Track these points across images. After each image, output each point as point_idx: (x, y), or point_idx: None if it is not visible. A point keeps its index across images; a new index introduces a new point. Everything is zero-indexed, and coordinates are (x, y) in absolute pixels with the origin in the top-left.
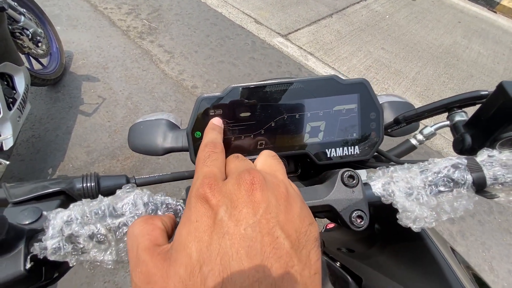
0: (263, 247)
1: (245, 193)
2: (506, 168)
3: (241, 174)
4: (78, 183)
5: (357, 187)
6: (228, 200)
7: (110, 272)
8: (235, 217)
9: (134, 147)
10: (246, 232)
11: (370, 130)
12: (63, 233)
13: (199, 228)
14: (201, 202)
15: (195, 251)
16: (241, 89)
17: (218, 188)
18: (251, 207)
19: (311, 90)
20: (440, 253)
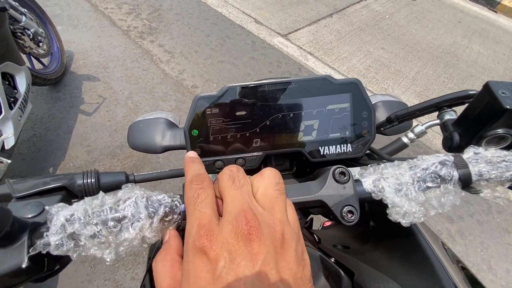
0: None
1: (242, 244)
2: (491, 165)
3: (237, 218)
4: (78, 179)
5: (348, 183)
6: (226, 253)
7: (111, 270)
8: (234, 271)
9: (134, 145)
10: (246, 285)
11: (363, 128)
12: (66, 230)
13: (198, 283)
14: (199, 255)
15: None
16: (237, 88)
17: (215, 238)
18: (249, 259)
19: (305, 89)
20: (431, 248)
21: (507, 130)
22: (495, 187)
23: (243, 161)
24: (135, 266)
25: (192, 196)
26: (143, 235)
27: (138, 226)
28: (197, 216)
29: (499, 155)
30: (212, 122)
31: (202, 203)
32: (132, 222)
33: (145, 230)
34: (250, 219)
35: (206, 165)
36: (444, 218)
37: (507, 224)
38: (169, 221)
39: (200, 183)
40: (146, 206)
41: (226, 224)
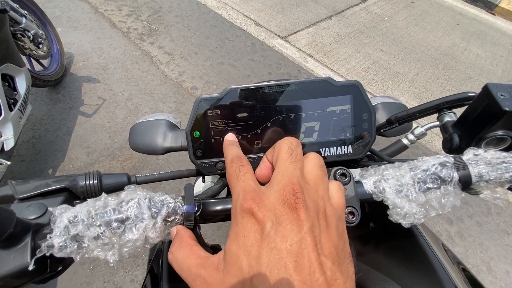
0: (308, 262)
1: (289, 210)
2: (491, 166)
3: (285, 188)
4: (81, 180)
5: (349, 184)
6: (273, 215)
7: (110, 272)
8: (281, 232)
9: (135, 147)
10: (292, 247)
11: (363, 130)
12: (69, 232)
13: (247, 242)
14: (247, 216)
15: (245, 264)
16: (238, 90)
17: (261, 202)
18: (295, 224)
19: (306, 91)
20: (431, 250)
21: (506, 131)
22: (495, 188)
23: None
24: (134, 268)
25: (234, 172)
26: (146, 235)
27: (142, 226)
28: (241, 186)
29: (498, 156)
30: (213, 124)
31: (244, 175)
32: (135, 223)
33: (148, 231)
34: (297, 191)
35: (207, 166)
36: (443, 219)
37: (506, 225)
38: (172, 221)
39: (239, 162)
40: (149, 207)
41: (273, 192)
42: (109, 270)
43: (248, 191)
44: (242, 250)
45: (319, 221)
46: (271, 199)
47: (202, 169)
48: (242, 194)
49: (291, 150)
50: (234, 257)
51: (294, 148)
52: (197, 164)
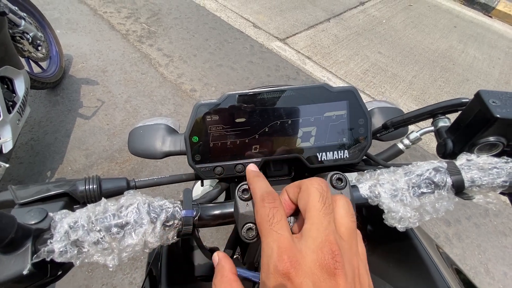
0: None
1: (327, 277)
2: (483, 171)
3: (322, 249)
4: (80, 185)
5: (345, 189)
6: (311, 283)
7: (108, 275)
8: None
9: (134, 151)
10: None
11: (359, 135)
12: (69, 238)
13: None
14: (282, 280)
15: None
16: (236, 96)
17: (298, 264)
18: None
19: (303, 97)
20: (426, 252)
21: (498, 137)
22: (487, 193)
23: (242, 167)
24: (133, 271)
25: (267, 216)
26: (145, 240)
27: (141, 231)
28: (275, 238)
29: (490, 162)
30: (212, 129)
31: (278, 224)
32: (134, 228)
33: (147, 236)
34: (336, 252)
35: (206, 170)
36: (441, 221)
37: (503, 227)
38: (170, 226)
39: (272, 201)
40: (148, 212)
41: (311, 252)
42: (108, 273)
43: (284, 248)
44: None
45: (355, 285)
46: (308, 261)
47: (201, 174)
48: (277, 251)
49: (323, 199)
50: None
51: (326, 196)
52: (196, 169)
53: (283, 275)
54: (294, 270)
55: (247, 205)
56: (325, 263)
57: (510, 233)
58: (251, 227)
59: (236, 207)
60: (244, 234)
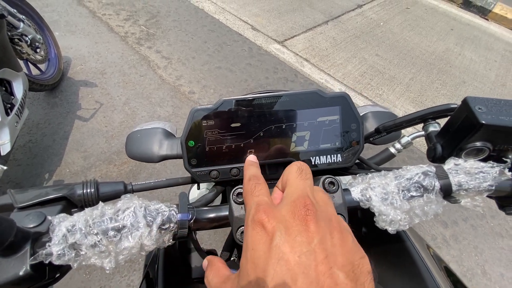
0: (318, 275)
1: (299, 222)
2: (470, 175)
3: (296, 201)
4: (78, 189)
5: (337, 192)
6: (282, 226)
7: (106, 277)
8: (289, 243)
9: (131, 155)
10: (300, 259)
11: (352, 139)
12: (67, 241)
13: (255, 254)
14: (257, 228)
15: (253, 277)
16: (232, 101)
17: (272, 213)
18: (305, 236)
19: (297, 102)
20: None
21: (484, 143)
22: (474, 197)
23: (237, 170)
24: (130, 273)
25: (249, 189)
26: (142, 243)
27: (137, 235)
28: (255, 200)
29: (477, 166)
30: (208, 133)
31: (259, 191)
32: (131, 231)
33: (144, 239)
34: (308, 204)
35: (202, 174)
36: (438, 223)
37: (500, 228)
38: (166, 229)
39: (256, 180)
40: (145, 215)
41: (284, 205)
42: (105, 275)
43: (261, 204)
44: (250, 263)
45: (332, 234)
46: (282, 211)
47: (197, 177)
48: (255, 207)
49: (300, 170)
50: (244, 271)
51: (303, 168)
52: (192, 173)
53: (258, 224)
54: (267, 216)
55: (242, 208)
56: (297, 211)
57: (506, 235)
58: None
59: (231, 210)
60: (239, 236)
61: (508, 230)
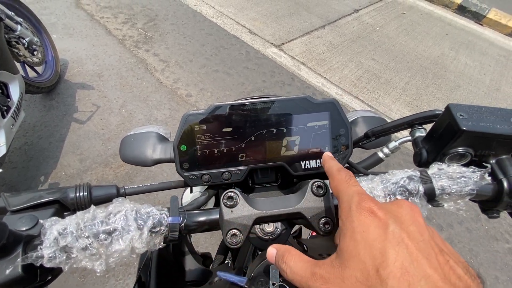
0: (440, 264)
1: (408, 216)
2: (452, 180)
3: (399, 201)
4: (71, 193)
5: (325, 196)
6: (394, 216)
7: (101, 281)
8: (406, 233)
9: (125, 159)
10: (419, 245)
11: (341, 144)
12: (58, 244)
13: (368, 237)
14: (366, 214)
15: (368, 257)
16: (223, 106)
17: (380, 204)
18: (417, 227)
19: (287, 108)
20: None
21: (466, 148)
22: (457, 200)
23: (229, 174)
24: (125, 277)
25: (344, 178)
26: (132, 246)
27: (128, 238)
28: (354, 189)
29: (459, 171)
30: (200, 138)
31: (355, 182)
32: (122, 234)
33: (134, 241)
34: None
35: (194, 178)
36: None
37: (495, 231)
38: (157, 232)
39: (347, 172)
40: (136, 218)
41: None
42: (100, 278)
43: (363, 193)
44: (363, 244)
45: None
46: (388, 205)
47: (189, 181)
48: (358, 196)
49: None
50: (353, 252)
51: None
52: (184, 176)
53: (366, 209)
54: (376, 206)
55: (232, 212)
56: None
57: (501, 238)
58: (235, 233)
59: (221, 214)
60: (229, 240)
61: (503, 234)
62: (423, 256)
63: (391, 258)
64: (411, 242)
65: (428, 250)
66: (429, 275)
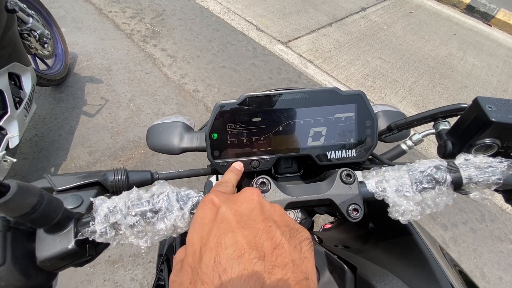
0: (256, 230)
1: (243, 197)
2: (479, 170)
3: (242, 190)
4: (110, 176)
5: (353, 184)
6: (228, 200)
7: (110, 271)
8: (234, 209)
9: (153, 146)
10: (242, 218)
11: (366, 135)
12: (109, 220)
13: (202, 222)
14: (206, 203)
15: (197, 240)
16: (254, 97)
17: (222, 194)
18: (248, 204)
19: (315, 99)
20: (425, 246)
21: (493, 139)
22: (483, 190)
23: (257, 163)
24: (134, 267)
25: (216, 185)
26: (175, 225)
27: (172, 217)
28: (213, 190)
29: (486, 161)
30: (230, 127)
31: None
32: (166, 214)
33: (178, 221)
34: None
35: (224, 165)
36: (438, 225)
37: (499, 232)
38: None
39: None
40: (177, 199)
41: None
42: (110, 268)
43: (216, 191)
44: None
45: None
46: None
47: (219, 168)
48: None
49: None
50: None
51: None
52: (215, 164)
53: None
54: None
55: (264, 196)
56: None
57: (505, 238)
58: None
59: None
60: None
61: (507, 234)
62: (240, 226)
63: (212, 235)
64: (234, 217)
65: (249, 222)
66: (238, 241)
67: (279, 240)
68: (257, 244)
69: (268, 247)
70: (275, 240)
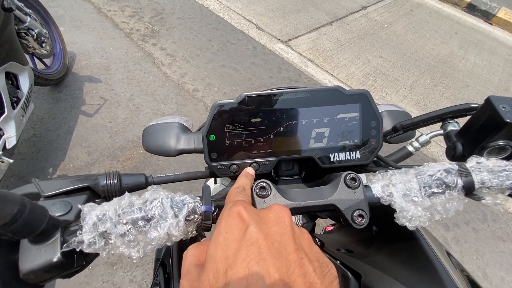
0: (288, 262)
1: (274, 217)
2: (492, 173)
3: (272, 205)
4: (102, 180)
5: (358, 188)
6: (258, 218)
7: (109, 272)
8: (264, 231)
9: (148, 148)
10: (274, 245)
11: (370, 137)
12: (98, 229)
13: (228, 237)
14: (233, 216)
15: (221, 258)
16: (253, 96)
17: (250, 208)
18: (279, 227)
19: (317, 99)
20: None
21: (507, 141)
22: (496, 195)
23: (257, 165)
24: (133, 269)
25: (234, 192)
26: (170, 233)
27: (166, 225)
28: (235, 199)
29: (500, 164)
30: (228, 128)
31: (242, 197)
32: (159, 221)
33: (172, 229)
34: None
35: (222, 168)
36: (440, 225)
37: (502, 232)
38: (191, 220)
39: (243, 190)
40: (172, 206)
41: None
42: (108, 270)
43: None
44: (222, 246)
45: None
46: (259, 211)
47: (217, 171)
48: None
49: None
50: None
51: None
52: (212, 166)
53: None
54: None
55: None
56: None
57: (508, 239)
58: None
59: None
60: None
61: (510, 234)
62: (272, 255)
63: (240, 259)
64: (265, 242)
65: (280, 250)
66: (269, 274)
67: (312, 278)
68: (290, 280)
69: (301, 285)
70: (308, 278)
